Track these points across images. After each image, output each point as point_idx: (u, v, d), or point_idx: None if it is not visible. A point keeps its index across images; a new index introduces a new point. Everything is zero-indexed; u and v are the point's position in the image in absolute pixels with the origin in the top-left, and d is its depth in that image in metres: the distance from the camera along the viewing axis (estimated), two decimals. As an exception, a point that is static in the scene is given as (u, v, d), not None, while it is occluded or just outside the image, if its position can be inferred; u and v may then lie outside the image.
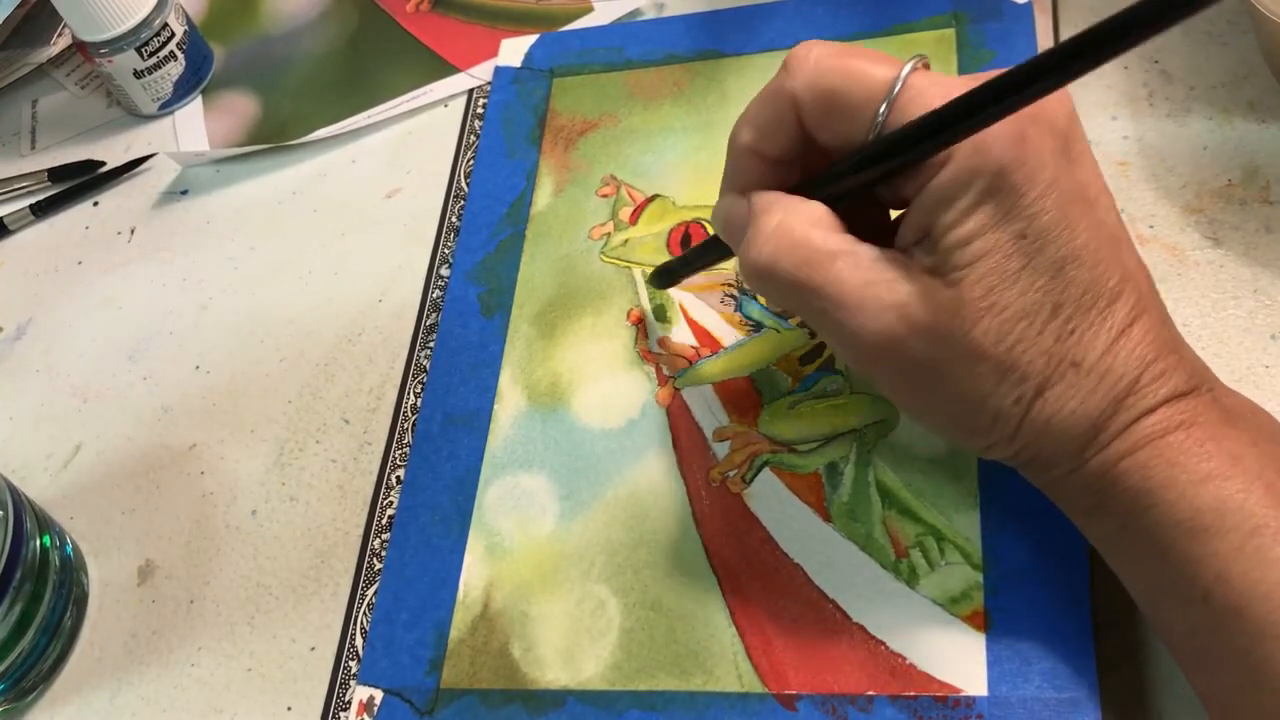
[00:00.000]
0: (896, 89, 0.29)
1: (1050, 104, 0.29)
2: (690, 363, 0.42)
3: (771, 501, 0.38)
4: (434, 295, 0.47)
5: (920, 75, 0.29)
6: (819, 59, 0.30)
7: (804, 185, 0.32)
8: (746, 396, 0.41)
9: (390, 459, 0.44)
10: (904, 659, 0.34)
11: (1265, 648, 0.27)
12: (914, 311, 0.29)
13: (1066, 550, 0.34)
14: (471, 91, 0.54)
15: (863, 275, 0.29)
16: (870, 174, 0.30)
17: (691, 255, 0.40)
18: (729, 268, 0.44)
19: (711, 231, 0.45)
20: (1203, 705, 0.29)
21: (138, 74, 0.57)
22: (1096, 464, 0.29)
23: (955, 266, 0.28)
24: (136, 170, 0.58)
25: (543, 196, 0.48)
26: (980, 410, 0.30)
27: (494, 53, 0.54)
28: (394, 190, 0.52)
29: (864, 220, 0.32)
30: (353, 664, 0.39)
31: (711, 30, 0.51)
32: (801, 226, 0.30)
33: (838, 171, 0.31)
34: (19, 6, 0.63)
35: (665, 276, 0.42)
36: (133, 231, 0.55)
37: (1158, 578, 0.29)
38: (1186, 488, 0.28)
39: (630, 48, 0.52)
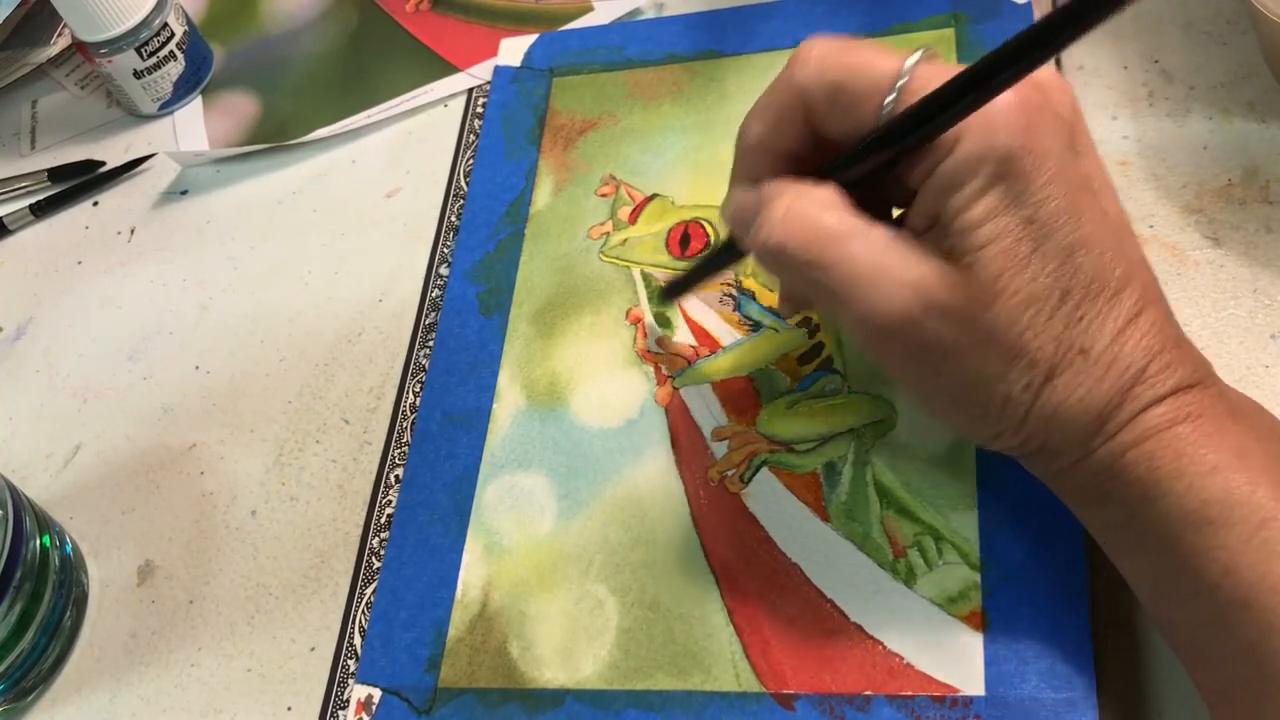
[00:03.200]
0: (903, 79, 0.29)
1: (1055, 96, 0.29)
2: (689, 362, 0.42)
3: (770, 501, 0.38)
4: (433, 295, 0.47)
5: (925, 65, 0.29)
6: (825, 52, 0.31)
7: (813, 174, 0.32)
8: (745, 396, 0.41)
9: (389, 458, 0.44)
10: (901, 659, 0.34)
11: (1272, 642, 0.26)
12: (929, 290, 0.29)
13: (1064, 550, 0.34)
14: (471, 91, 0.54)
15: (877, 254, 0.29)
16: (878, 158, 0.30)
17: (700, 266, 0.39)
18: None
19: (710, 231, 0.45)
20: (1204, 703, 0.29)
21: (138, 74, 0.57)
22: (1103, 454, 0.29)
23: (967, 250, 0.28)
24: (136, 170, 0.58)
25: (542, 196, 0.48)
26: (989, 395, 0.29)
27: (494, 52, 0.54)
28: (394, 190, 0.52)
29: (870, 217, 0.32)
30: (351, 663, 0.39)
31: (711, 30, 0.51)
32: (814, 207, 0.30)
33: (846, 158, 0.31)
34: (19, 6, 0.63)
35: (674, 290, 0.41)
36: (133, 231, 0.55)
37: (1163, 571, 0.29)
38: (1194, 479, 0.28)
39: (630, 47, 0.52)
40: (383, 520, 0.42)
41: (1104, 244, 0.29)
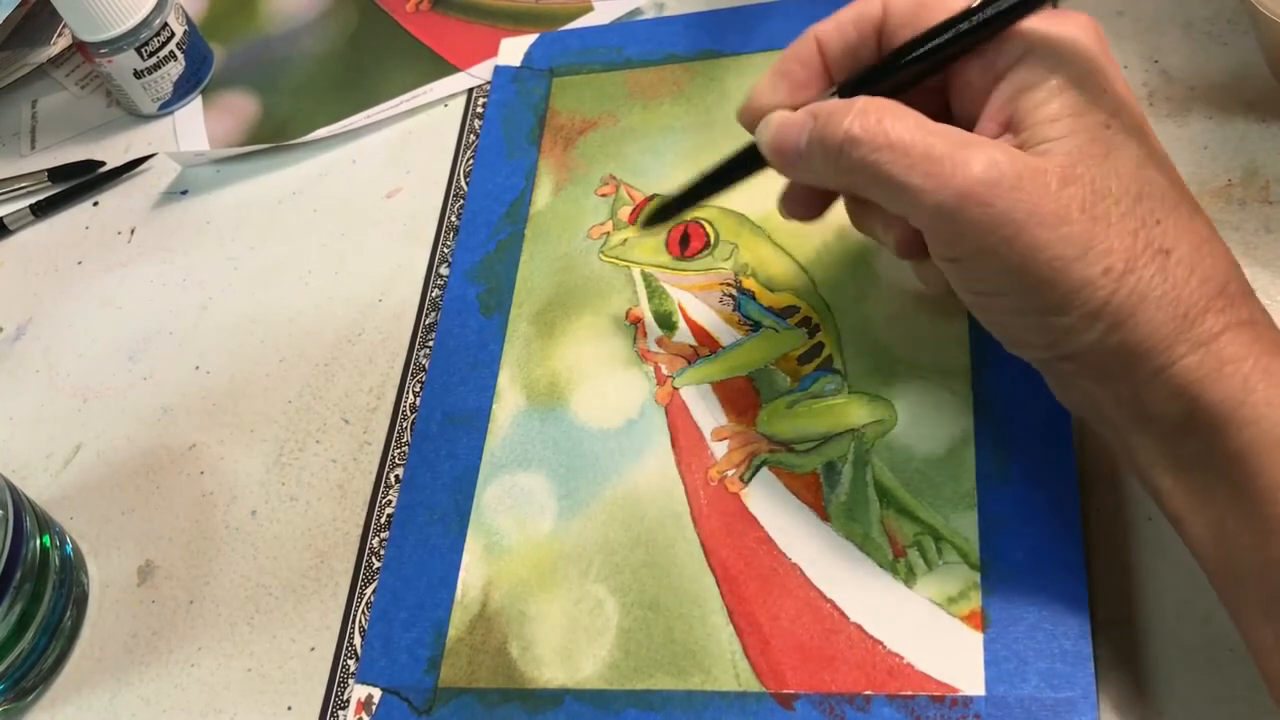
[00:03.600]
0: None
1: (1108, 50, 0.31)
2: (689, 362, 0.42)
3: (770, 501, 0.38)
4: (433, 294, 0.47)
5: None
6: None
7: (863, 76, 0.33)
8: (745, 396, 0.41)
9: (389, 458, 0.44)
10: (901, 658, 0.34)
11: None
12: (1003, 165, 0.29)
13: (1064, 550, 0.34)
14: (471, 91, 0.54)
15: (951, 136, 0.30)
16: (939, 55, 0.31)
17: (703, 181, 0.38)
18: (728, 268, 0.44)
19: (710, 231, 0.45)
20: (1256, 660, 0.28)
21: (138, 74, 0.57)
22: (1191, 363, 0.28)
23: (1043, 139, 0.29)
24: (136, 170, 0.58)
25: (542, 196, 0.48)
26: (1066, 277, 0.29)
27: (494, 52, 0.54)
28: (394, 190, 0.52)
29: None
30: (351, 663, 0.39)
31: (711, 30, 0.51)
32: (886, 104, 0.31)
33: (904, 50, 0.32)
34: (19, 6, 0.63)
35: (667, 210, 0.40)
36: (133, 231, 0.55)
37: (1235, 507, 0.28)
38: None
39: (630, 47, 0.52)
40: (383, 520, 0.42)
41: (1169, 171, 0.30)
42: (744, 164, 0.36)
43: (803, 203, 0.37)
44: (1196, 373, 0.28)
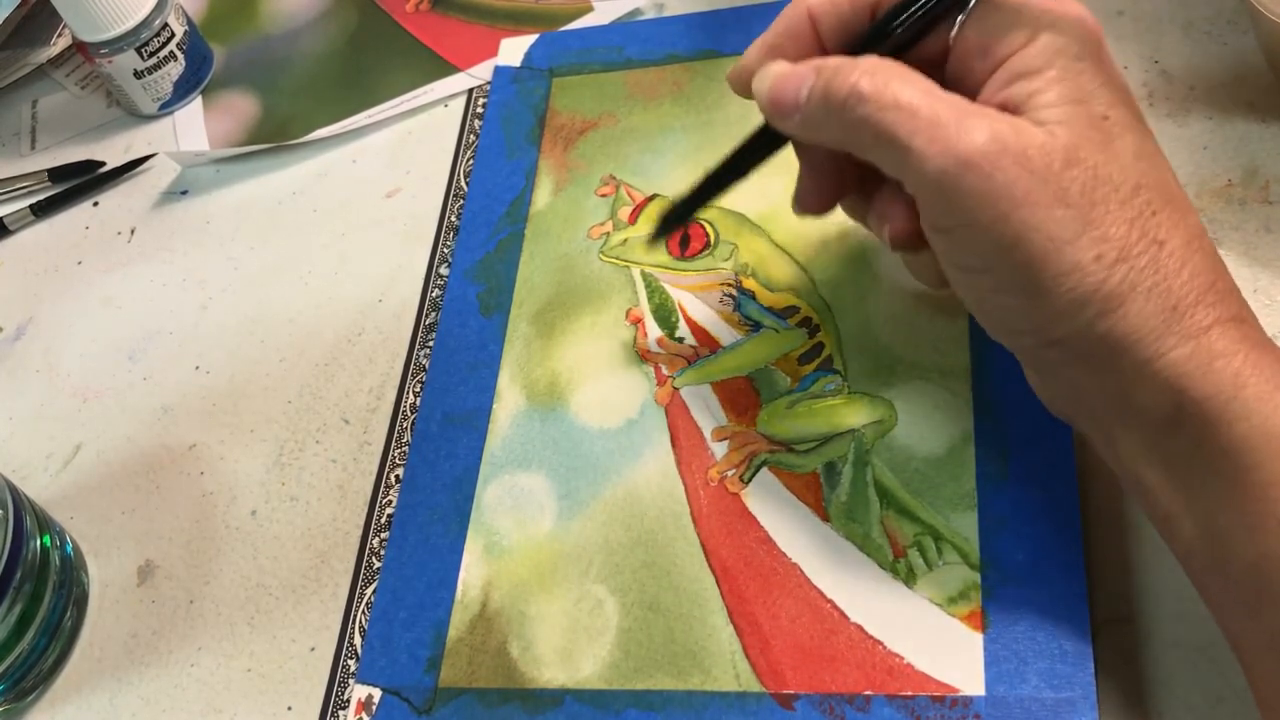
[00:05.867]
0: None
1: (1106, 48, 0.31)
2: (689, 362, 0.42)
3: (770, 501, 0.38)
4: (433, 294, 0.47)
5: None
6: None
7: (865, 36, 0.33)
8: (745, 396, 0.41)
9: (389, 458, 0.44)
10: (901, 658, 0.34)
11: None
12: (1009, 136, 0.29)
13: (1064, 550, 0.34)
14: (471, 91, 0.54)
15: (959, 104, 0.29)
16: (935, 6, 0.31)
17: (714, 177, 0.37)
18: (728, 268, 0.44)
19: (710, 231, 0.45)
20: (1246, 665, 0.28)
21: (138, 74, 0.57)
22: (1180, 357, 0.28)
23: (1045, 121, 0.29)
24: (136, 170, 0.58)
25: (542, 196, 0.48)
26: (1057, 258, 0.28)
27: (494, 52, 0.54)
28: (394, 190, 0.52)
29: None
30: (351, 663, 0.39)
31: (711, 30, 0.51)
32: (895, 67, 0.30)
33: (897, 8, 0.32)
34: (19, 6, 0.63)
35: (679, 214, 0.39)
36: (133, 231, 0.55)
37: (1226, 503, 0.28)
38: None
39: (630, 47, 0.52)
40: (383, 520, 0.42)
41: (1165, 168, 0.30)
42: (749, 154, 0.36)
43: (815, 194, 0.36)
44: (1186, 365, 0.28)
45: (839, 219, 0.37)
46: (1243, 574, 0.28)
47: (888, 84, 0.30)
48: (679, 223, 0.39)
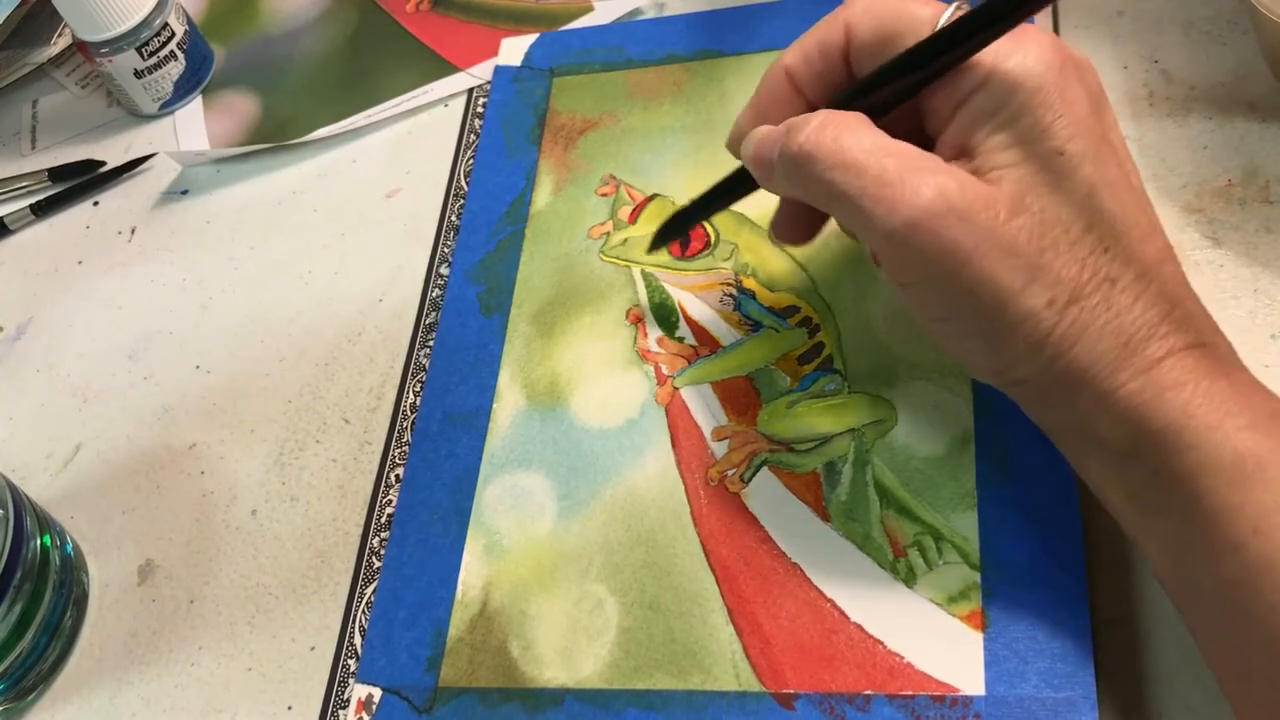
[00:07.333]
0: (943, 21, 0.31)
1: (1085, 72, 0.30)
2: (689, 362, 0.42)
3: (770, 501, 0.38)
4: (433, 294, 0.47)
5: (962, 13, 0.31)
6: None
7: (841, 99, 0.33)
8: (745, 396, 0.41)
9: (389, 458, 0.44)
10: (901, 658, 0.34)
11: None
12: (953, 194, 0.29)
13: (1064, 550, 0.34)
14: (471, 91, 0.54)
15: (906, 159, 0.30)
16: (907, 81, 0.31)
17: (701, 201, 0.39)
18: (728, 268, 0.44)
19: (710, 231, 0.45)
20: (1219, 681, 0.29)
21: (138, 74, 0.57)
22: (1133, 390, 0.29)
23: (993, 167, 0.29)
24: (136, 170, 0.58)
25: (542, 196, 0.48)
26: (1012, 310, 0.29)
27: (494, 52, 0.54)
28: (394, 190, 0.52)
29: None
30: (351, 662, 0.39)
31: (711, 30, 0.51)
32: (848, 119, 0.31)
33: (879, 75, 0.32)
34: (19, 6, 0.63)
35: (670, 231, 0.42)
36: (133, 231, 0.56)
37: (1186, 529, 0.28)
38: (1230, 432, 0.27)
39: (630, 47, 0.52)
40: (383, 520, 0.42)
41: (1125, 196, 0.30)
42: (739, 183, 0.37)
43: (789, 226, 0.38)
44: (1138, 398, 0.29)
45: (839, 219, 0.37)
46: (1207, 600, 0.28)
47: (836, 141, 0.30)
48: (674, 236, 0.42)
